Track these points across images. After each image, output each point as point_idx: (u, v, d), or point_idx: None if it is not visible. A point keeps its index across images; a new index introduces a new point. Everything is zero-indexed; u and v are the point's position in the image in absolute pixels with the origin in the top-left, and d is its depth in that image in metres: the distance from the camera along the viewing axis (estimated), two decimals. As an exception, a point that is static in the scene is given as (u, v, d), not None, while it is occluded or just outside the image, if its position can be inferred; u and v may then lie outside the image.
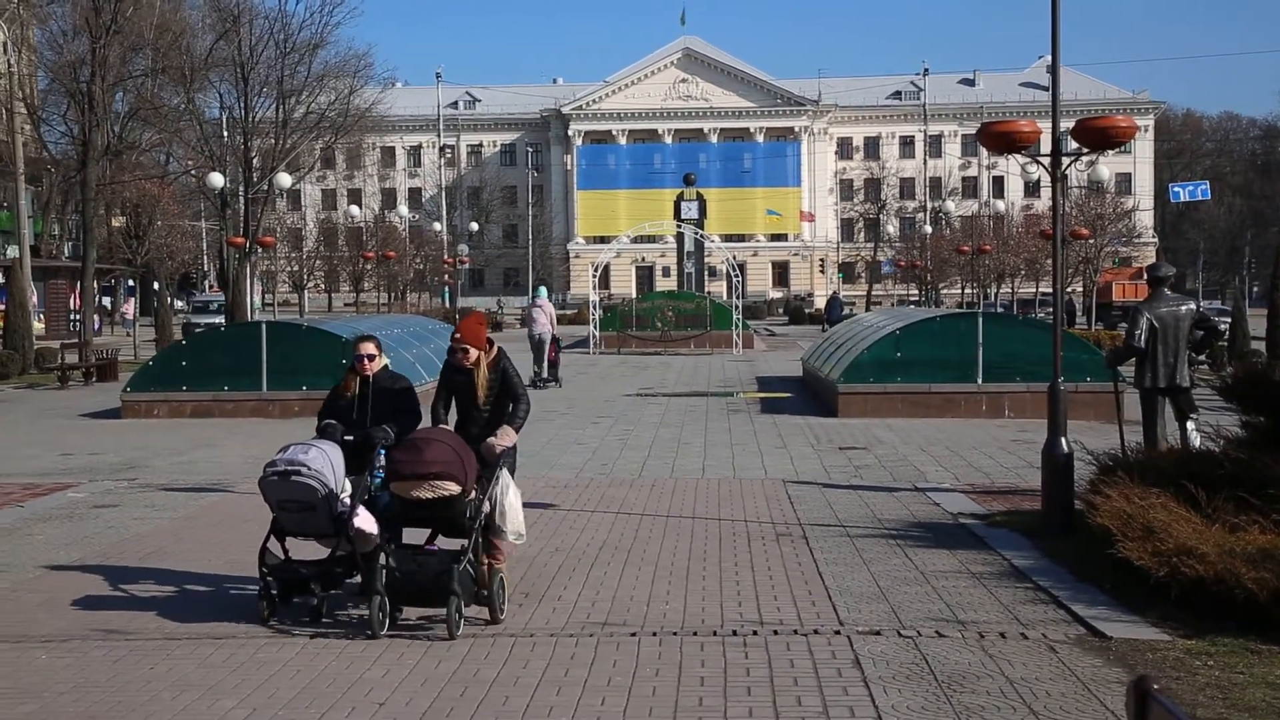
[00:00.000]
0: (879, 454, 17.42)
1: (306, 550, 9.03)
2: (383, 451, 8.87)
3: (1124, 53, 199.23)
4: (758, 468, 16.23)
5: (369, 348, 9.49)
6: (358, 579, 8.83)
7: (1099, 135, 10.86)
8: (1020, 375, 21.92)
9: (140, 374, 23.79)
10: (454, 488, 8.38)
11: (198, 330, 40.58)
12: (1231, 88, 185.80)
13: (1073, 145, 12.23)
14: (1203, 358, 20.64)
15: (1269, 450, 9.69)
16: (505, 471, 8.92)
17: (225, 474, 15.79)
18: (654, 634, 8.28)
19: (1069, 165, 11.41)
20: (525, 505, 13.19)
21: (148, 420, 22.24)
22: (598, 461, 16.94)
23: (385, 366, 9.62)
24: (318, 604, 8.71)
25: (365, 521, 8.54)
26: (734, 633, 8.29)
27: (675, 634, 8.27)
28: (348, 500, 8.62)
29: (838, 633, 8.24)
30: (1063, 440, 11.29)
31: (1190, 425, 12.90)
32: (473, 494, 8.58)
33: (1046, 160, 11.08)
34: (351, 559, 8.64)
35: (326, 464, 8.58)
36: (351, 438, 9.07)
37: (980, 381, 21.93)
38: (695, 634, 8.27)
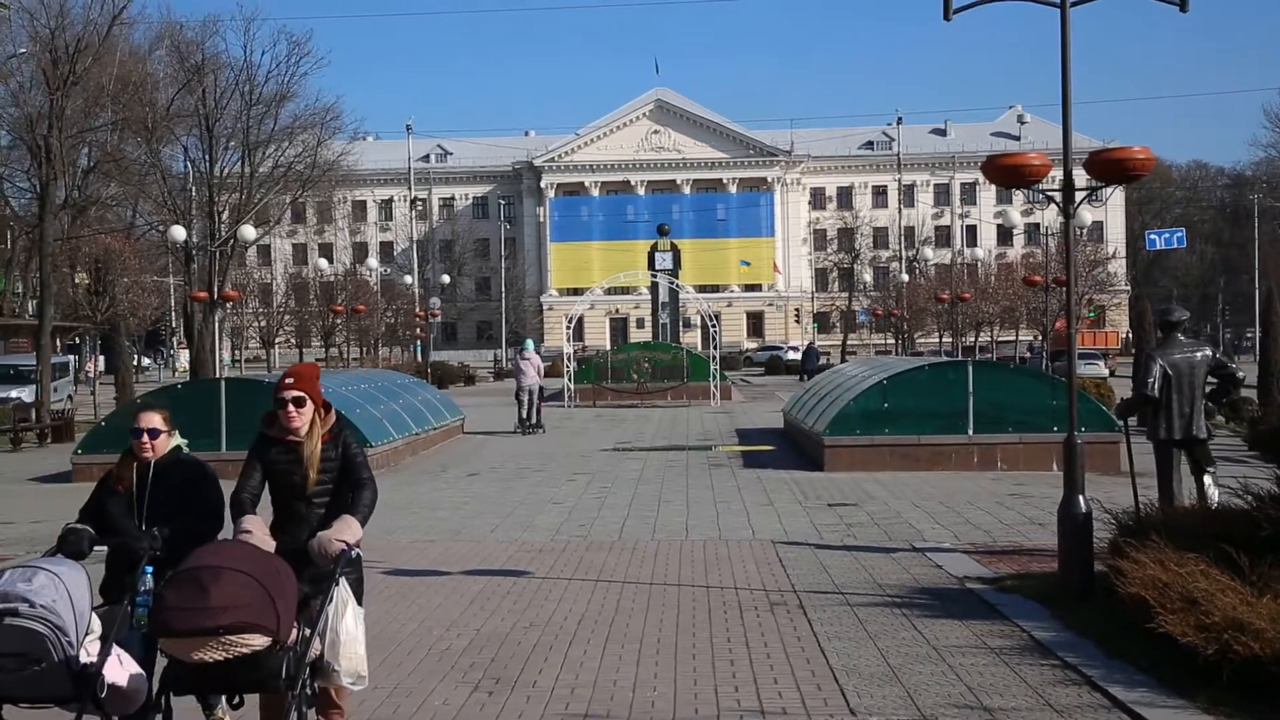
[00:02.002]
0: (871, 510, 16.52)
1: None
2: (149, 570, 6.35)
3: (1092, 101, 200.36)
4: (744, 527, 15.30)
5: (152, 420, 7.02)
6: None
7: (1115, 168, 10.02)
8: (1012, 426, 21.12)
9: (92, 435, 22.75)
10: (259, 641, 5.55)
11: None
12: (1199, 136, 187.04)
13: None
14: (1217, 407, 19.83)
15: (1312, 508, 8.83)
16: (344, 585, 6.34)
17: (176, 541, 14.74)
18: (641, 727, 7.33)
19: (1083, 201, 10.58)
20: (496, 573, 12.36)
21: (101, 483, 21.14)
22: (574, 522, 15.98)
23: (177, 449, 7.13)
24: None
25: (121, 674, 5.78)
26: (732, 724, 7.35)
27: (665, 726, 7.32)
28: (95, 646, 5.74)
29: (848, 723, 7.31)
30: (1080, 498, 10.40)
31: (1208, 479, 12.04)
32: (292, 636, 5.81)
33: (1058, 195, 10.23)
34: None
35: (61, 595, 5.65)
36: (106, 547, 6.56)
37: (971, 433, 21.08)
38: (688, 726, 7.32)
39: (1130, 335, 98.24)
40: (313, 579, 6.39)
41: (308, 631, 5.97)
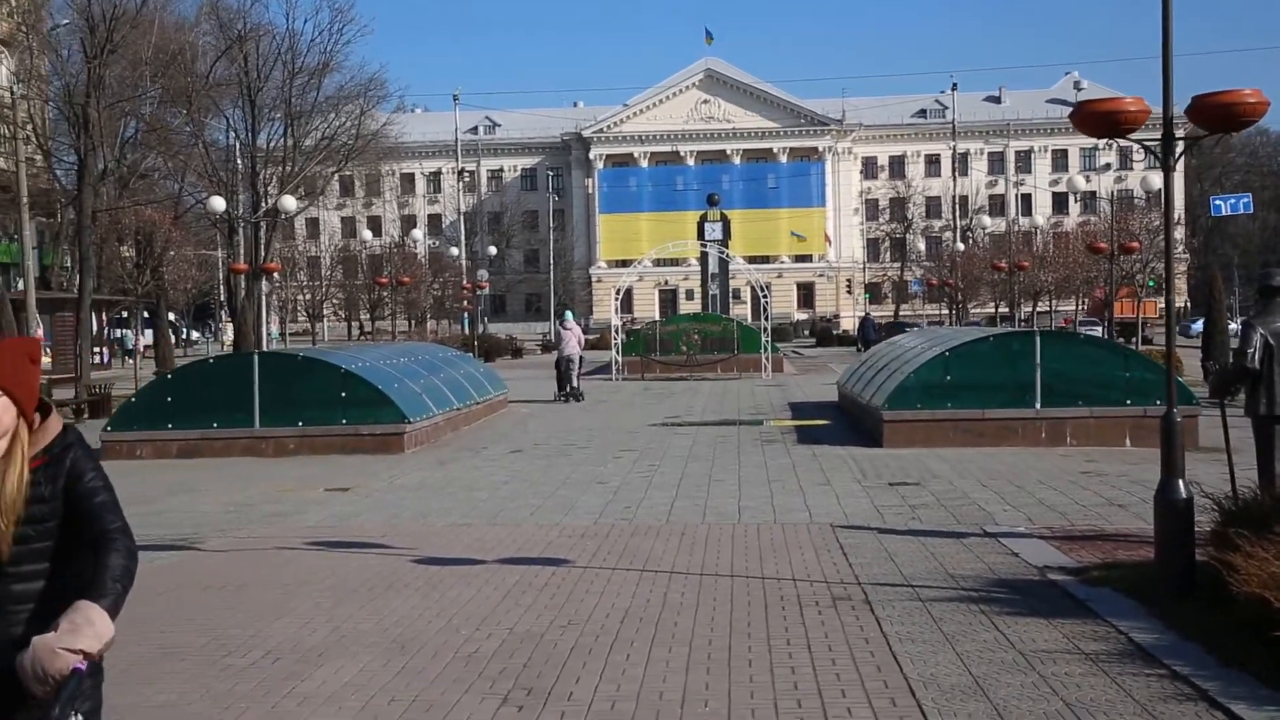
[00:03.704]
0: (935, 490, 15.47)
1: None
2: None
3: (1145, 65, 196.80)
4: (801, 509, 14.30)
5: None
6: None
7: (1222, 114, 8.90)
8: (1082, 399, 19.97)
9: (122, 411, 22.01)
10: None
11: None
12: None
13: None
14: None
15: None
16: None
17: (195, 528, 13.91)
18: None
19: (1185, 151, 9.46)
20: (534, 561, 11.43)
21: (130, 462, 20.37)
22: (620, 503, 15.03)
23: None
24: None
25: None
26: (794, 747, 6.38)
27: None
28: None
29: (930, 747, 6.33)
30: (1180, 483, 9.30)
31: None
32: None
33: (1156, 145, 9.12)
34: None
35: None
36: None
37: (1039, 406, 19.95)
38: (744, 750, 6.35)
39: (1188, 305, 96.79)
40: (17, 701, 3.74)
41: None
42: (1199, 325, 53.49)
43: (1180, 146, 9.30)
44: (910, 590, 9.88)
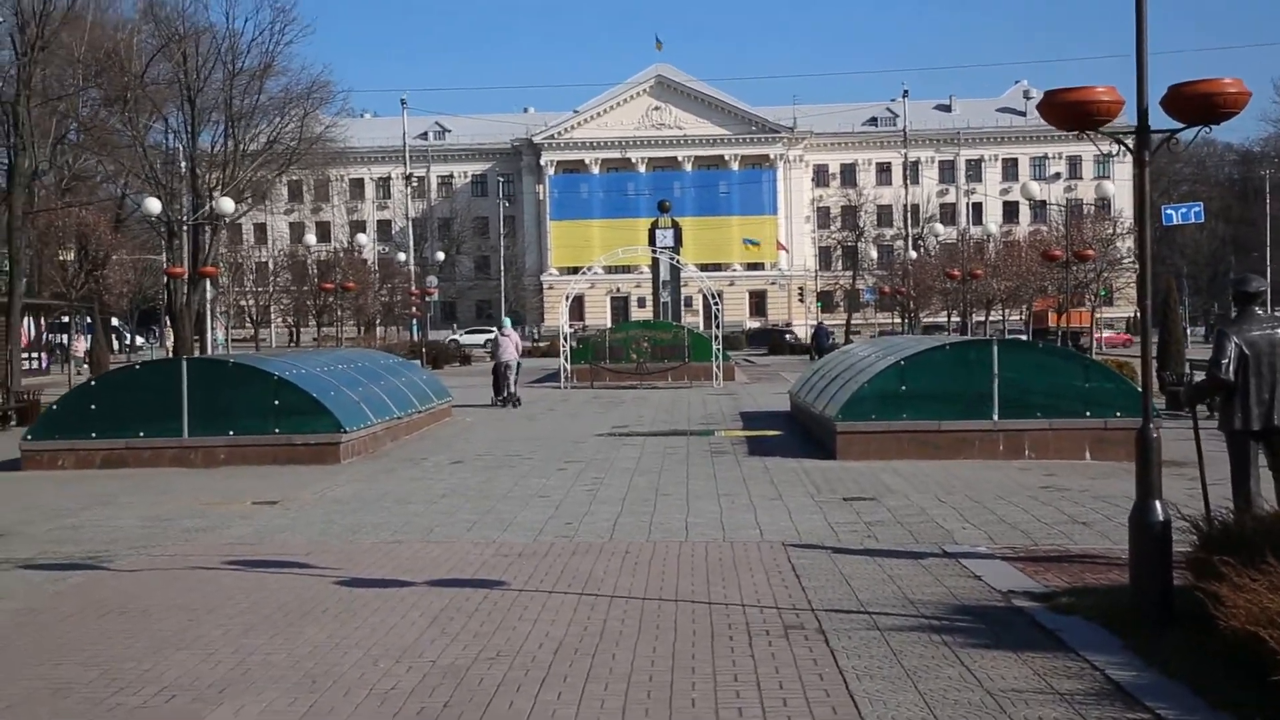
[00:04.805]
0: (891, 506, 14.82)
1: None
2: None
3: (1098, 75, 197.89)
4: (751, 525, 13.60)
5: None
6: None
7: (1200, 105, 8.27)
8: (1041, 411, 19.39)
9: (44, 420, 21.03)
10: None
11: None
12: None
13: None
14: None
15: None
16: None
17: (109, 543, 13.05)
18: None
19: (1162, 144, 8.82)
20: (465, 583, 10.67)
21: (51, 473, 19.46)
22: (561, 519, 14.28)
23: None
24: None
25: None
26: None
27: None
28: None
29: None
30: (1157, 504, 8.64)
31: (1292, 477, 10.36)
32: None
33: (1130, 140, 8.48)
34: None
35: None
36: None
37: (996, 418, 19.37)
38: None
39: (1137, 315, 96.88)
40: None
41: None
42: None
43: (1155, 140, 8.65)
44: (867, 618, 9.20)
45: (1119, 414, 18.99)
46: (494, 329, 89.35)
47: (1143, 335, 9.25)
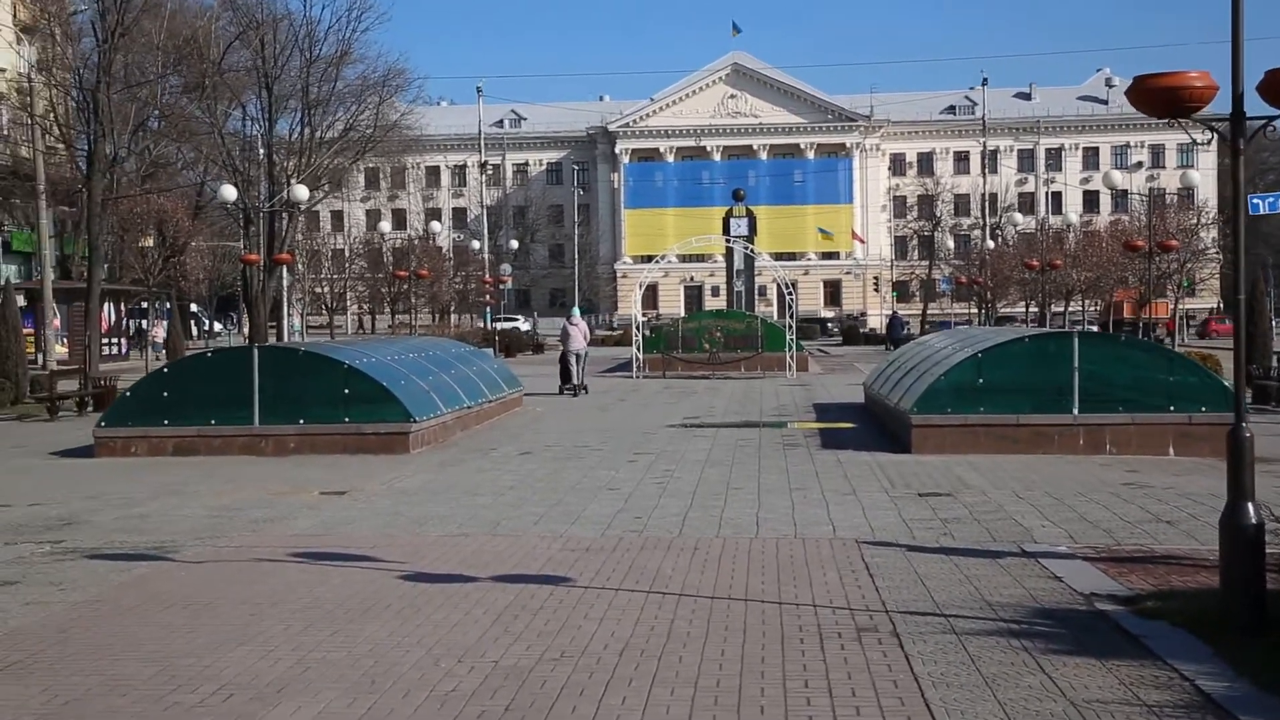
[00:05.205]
0: (968, 502, 14.47)
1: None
2: None
3: (1180, 62, 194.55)
4: (824, 521, 13.31)
5: None
6: None
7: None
8: (1122, 405, 18.91)
9: (117, 406, 21.09)
10: None
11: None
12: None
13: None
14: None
15: None
16: None
17: (174, 534, 12.98)
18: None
19: (1259, 131, 8.43)
20: (531, 579, 10.48)
21: (123, 459, 19.52)
22: (630, 513, 14.06)
23: None
24: None
25: None
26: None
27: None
28: None
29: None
30: (1250, 506, 8.28)
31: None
32: None
33: (1224, 126, 8.10)
34: None
35: None
36: None
37: (1076, 412, 18.91)
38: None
39: (1219, 306, 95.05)
40: None
41: None
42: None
43: (1251, 128, 8.25)
44: (943, 621, 8.90)
45: (1204, 409, 18.50)
46: (519, 318, 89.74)
47: (1235, 330, 8.85)
